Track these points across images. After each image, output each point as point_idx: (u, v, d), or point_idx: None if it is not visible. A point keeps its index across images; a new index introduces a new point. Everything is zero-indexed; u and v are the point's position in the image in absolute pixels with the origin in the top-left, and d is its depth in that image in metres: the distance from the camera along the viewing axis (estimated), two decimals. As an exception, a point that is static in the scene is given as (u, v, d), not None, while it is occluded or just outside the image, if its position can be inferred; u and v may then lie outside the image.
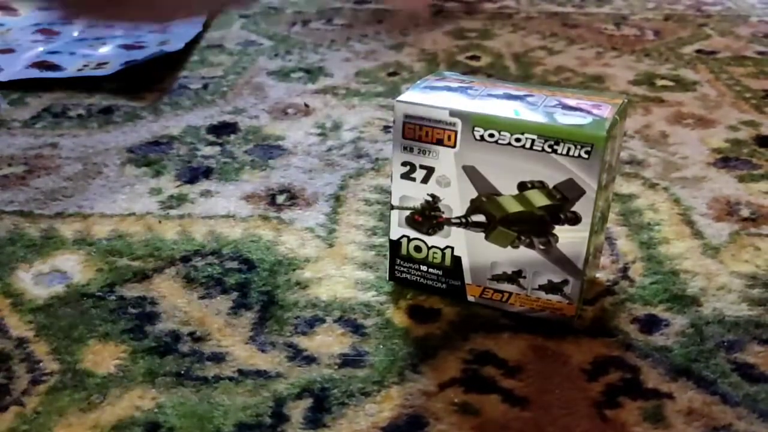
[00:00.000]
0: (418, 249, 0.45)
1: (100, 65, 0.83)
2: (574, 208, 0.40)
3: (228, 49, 0.94)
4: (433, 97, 0.42)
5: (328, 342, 0.43)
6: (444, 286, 0.46)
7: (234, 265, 0.49)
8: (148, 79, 0.82)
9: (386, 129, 0.70)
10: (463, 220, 0.43)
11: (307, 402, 0.38)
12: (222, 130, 0.70)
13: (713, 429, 0.37)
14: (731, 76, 0.85)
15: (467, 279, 0.45)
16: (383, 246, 0.51)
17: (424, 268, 0.46)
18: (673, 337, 0.43)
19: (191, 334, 0.43)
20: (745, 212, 0.56)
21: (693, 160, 0.64)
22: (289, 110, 0.75)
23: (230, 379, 0.40)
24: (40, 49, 0.89)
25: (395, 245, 0.46)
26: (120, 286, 0.47)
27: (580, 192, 0.40)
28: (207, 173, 0.62)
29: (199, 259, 0.50)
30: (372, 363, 0.41)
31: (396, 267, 0.47)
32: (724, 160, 0.64)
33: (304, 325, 0.44)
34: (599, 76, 0.85)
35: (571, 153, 0.39)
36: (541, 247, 0.42)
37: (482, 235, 0.43)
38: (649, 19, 1.11)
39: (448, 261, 0.45)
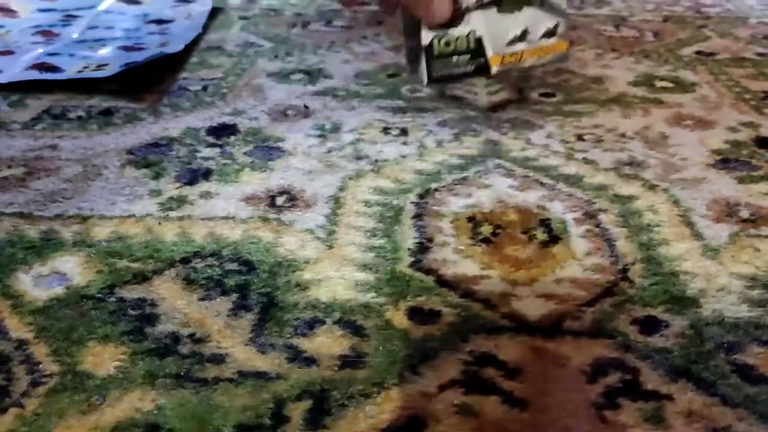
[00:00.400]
0: (447, 44, 0.55)
1: (99, 67, 0.83)
2: None
3: (227, 50, 0.94)
4: None
5: (328, 343, 0.43)
6: (472, 68, 0.57)
7: (234, 266, 0.49)
8: (148, 81, 0.82)
9: (386, 130, 0.70)
10: (480, 2, 0.54)
11: (307, 403, 0.38)
12: (222, 131, 0.70)
13: (713, 430, 0.37)
14: (730, 78, 0.85)
15: (489, 53, 0.56)
16: (383, 247, 0.51)
17: (455, 58, 0.55)
18: (673, 339, 0.43)
19: (191, 335, 0.43)
20: (744, 213, 0.56)
21: (692, 162, 0.64)
22: (289, 112, 0.75)
23: (230, 380, 0.40)
24: (40, 50, 0.89)
25: (429, 49, 0.55)
26: (120, 288, 0.47)
27: None
28: (207, 175, 0.62)
29: (199, 261, 0.50)
30: (372, 364, 0.41)
31: (432, 69, 0.56)
32: (724, 162, 0.65)
33: (303, 327, 0.44)
34: (599, 77, 0.85)
35: None
36: (539, 2, 0.55)
37: (495, 10, 0.54)
38: (648, 20, 1.11)
39: (472, 44, 0.55)
